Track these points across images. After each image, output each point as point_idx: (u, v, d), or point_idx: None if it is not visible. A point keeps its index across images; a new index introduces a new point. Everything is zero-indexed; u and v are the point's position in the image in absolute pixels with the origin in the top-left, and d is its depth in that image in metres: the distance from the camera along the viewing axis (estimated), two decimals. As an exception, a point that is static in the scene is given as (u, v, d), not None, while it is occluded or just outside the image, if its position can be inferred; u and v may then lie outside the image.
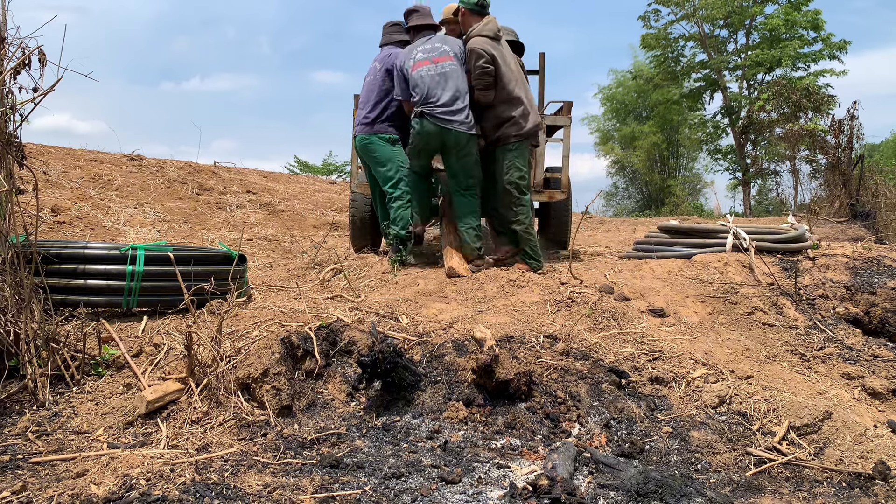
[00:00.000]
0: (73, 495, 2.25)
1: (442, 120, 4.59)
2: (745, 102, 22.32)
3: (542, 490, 2.39)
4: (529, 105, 4.77)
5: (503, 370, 3.23)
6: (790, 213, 8.67)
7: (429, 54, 4.75)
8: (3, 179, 3.13)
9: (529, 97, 4.83)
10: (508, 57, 4.77)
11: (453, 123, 4.59)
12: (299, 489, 2.40)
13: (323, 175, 21.93)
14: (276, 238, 7.53)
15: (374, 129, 5.08)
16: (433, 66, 4.67)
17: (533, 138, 4.82)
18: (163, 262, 3.64)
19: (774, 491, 2.63)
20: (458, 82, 4.65)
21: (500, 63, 4.63)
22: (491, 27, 4.69)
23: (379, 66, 5.16)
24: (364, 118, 5.12)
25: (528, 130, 4.70)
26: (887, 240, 8.25)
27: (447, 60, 4.71)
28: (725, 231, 5.24)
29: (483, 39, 4.64)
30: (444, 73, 4.64)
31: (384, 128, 5.07)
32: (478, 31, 4.67)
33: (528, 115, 4.72)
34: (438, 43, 4.82)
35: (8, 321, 3.07)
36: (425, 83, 4.66)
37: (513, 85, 4.67)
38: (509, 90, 4.65)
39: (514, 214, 4.78)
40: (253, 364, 3.14)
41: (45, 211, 6.33)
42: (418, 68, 4.72)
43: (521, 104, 4.69)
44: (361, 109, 5.20)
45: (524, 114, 4.68)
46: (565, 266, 4.98)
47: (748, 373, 3.52)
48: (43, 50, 3.22)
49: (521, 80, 4.80)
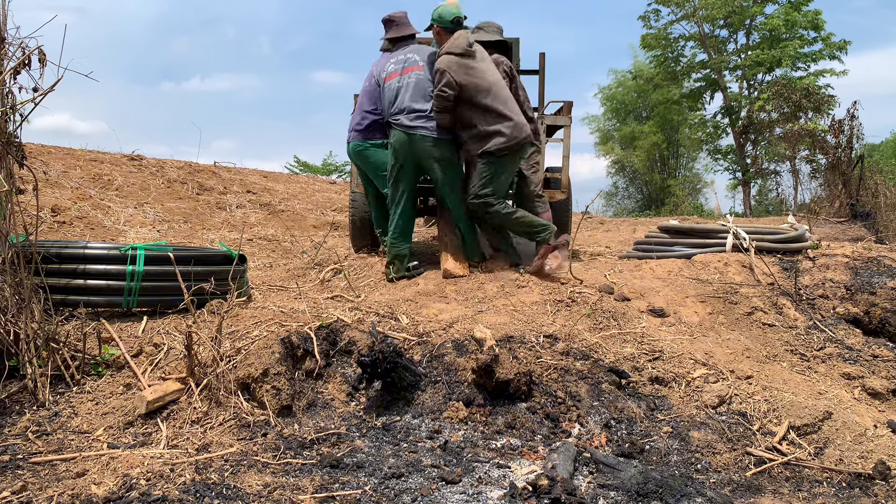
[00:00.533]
0: (73, 495, 2.25)
1: (408, 126, 4.58)
2: (745, 102, 22.31)
3: (542, 490, 2.39)
4: (505, 117, 4.52)
5: (503, 370, 3.23)
6: (790, 213, 8.67)
7: (399, 66, 4.79)
8: (3, 179, 3.13)
9: (509, 106, 4.58)
10: (485, 68, 4.59)
11: (419, 129, 4.57)
12: (299, 489, 2.40)
13: (323, 175, 21.92)
14: (276, 238, 7.53)
15: (365, 136, 5.11)
16: (402, 77, 4.70)
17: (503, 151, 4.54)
18: (163, 261, 3.64)
19: (774, 491, 2.63)
20: (427, 89, 4.64)
21: (469, 80, 4.46)
22: (459, 43, 4.53)
23: (374, 70, 5.21)
24: (357, 125, 5.16)
25: (492, 147, 4.50)
26: (887, 240, 8.25)
27: (415, 70, 4.73)
28: (725, 231, 5.24)
29: (449, 58, 4.50)
30: (410, 82, 4.67)
31: (374, 135, 5.10)
32: (447, 48, 4.58)
33: (500, 130, 4.49)
34: (410, 53, 4.83)
35: (8, 321, 3.07)
36: (393, 94, 4.71)
37: (483, 97, 4.48)
38: (485, 104, 4.48)
39: (489, 219, 4.72)
40: (253, 364, 3.14)
41: (45, 211, 6.33)
42: (390, 80, 4.78)
43: (495, 117, 4.50)
44: (356, 115, 5.23)
45: (494, 131, 4.49)
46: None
47: (748, 373, 3.52)
48: (43, 50, 3.22)
49: (497, 91, 4.56)
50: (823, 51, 21.09)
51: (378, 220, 5.45)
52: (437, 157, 4.63)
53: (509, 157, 4.63)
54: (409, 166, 4.73)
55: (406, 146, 4.62)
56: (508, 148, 4.55)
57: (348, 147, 5.27)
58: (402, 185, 4.78)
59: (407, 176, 4.77)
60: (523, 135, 4.61)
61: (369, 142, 5.11)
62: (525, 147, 4.74)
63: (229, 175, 10.73)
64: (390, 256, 4.79)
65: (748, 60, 21.74)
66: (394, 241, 4.78)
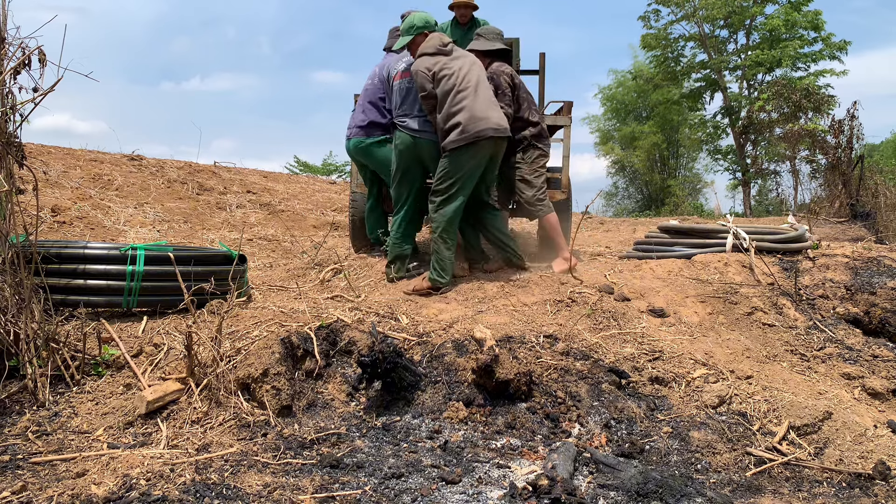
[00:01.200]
0: (73, 495, 2.25)
1: (412, 130, 4.58)
2: (745, 102, 22.30)
3: (542, 490, 2.39)
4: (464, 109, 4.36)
5: (503, 370, 3.23)
6: (790, 213, 8.67)
7: (409, 66, 4.75)
8: (3, 179, 3.13)
9: (477, 103, 4.40)
10: (460, 66, 4.50)
11: (423, 133, 4.57)
12: (299, 489, 2.40)
13: (323, 175, 21.91)
14: (276, 238, 7.53)
15: (368, 133, 5.10)
16: (412, 78, 4.65)
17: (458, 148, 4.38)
18: (163, 262, 3.64)
19: (774, 491, 2.63)
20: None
21: (442, 76, 4.40)
22: (432, 43, 4.51)
23: (377, 71, 5.20)
24: (360, 121, 5.15)
25: (447, 141, 4.39)
26: (887, 240, 8.25)
27: None
28: (725, 231, 5.24)
29: (421, 59, 4.48)
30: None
31: (375, 131, 5.09)
32: (421, 49, 4.57)
33: (458, 122, 4.35)
34: None
35: (8, 321, 3.07)
36: (401, 95, 4.69)
37: (452, 94, 4.39)
38: (450, 100, 4.39)
39: (434, 220, 4.57)
40: (253, 364, 3.14)
41: (45, 211, 6.33)
42: (399, 80, 4.75)
43: (456, 111, 4.36)
44: (357, 112, 5.22)
45: (453, 124, 4.37)
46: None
47: (748, 373, 3.52)
48: (43, 50, 3.22)
49: (466, 86, 4.42)
50: (823, 51, 21.09)
51: (372, 227, 5.47)
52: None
53: (466, 154, 4.38)
54: (415, 168, 4.72)
55: (411, 149, 4.61)
56: (463, 141, 4.32)
57: (348, 144, 5.24)
58: (407, 187, 4.75)
59: (412, 178, 4.75)
60: (482, 128, 4.32)
61: (371, 138, 5.09)
62: (493, 146, 4.47)
63: (229, 175, 10.73)
64: (391, 256, 4.78)
65: (748, 60, 21.73)
66: (396, 241, 4.76)
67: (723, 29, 23.07)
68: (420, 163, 4.70)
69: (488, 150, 4.48)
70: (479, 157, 4.45)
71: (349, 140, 5.23)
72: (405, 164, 4.68)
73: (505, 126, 4.53)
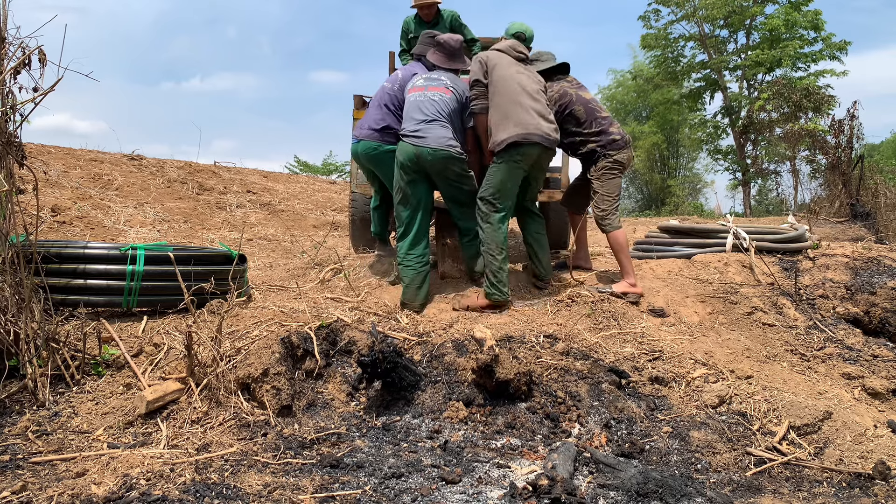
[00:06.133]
0: (73, 495, 2.25)
1: (416, 138, 4.29)
2: (745, 102, 22.30)
3: (542, 490, 2.39)
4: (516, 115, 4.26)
5: (503, 370, 3.23)
6: (790, 213, 8.67)
7: (427, 82, 4.54)
8: (3, 179, 3.13)
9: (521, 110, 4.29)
10: (520, 71, 4.49)
11: (426, 140, 4.27)
12: (299, 489, 2.40)
13: (323, 175, 21.93)
14: (276, 238, 7.54)
15: (382, 138, 4.69)
16: (425, 93, 4.47)
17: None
18: (163, 261, 3.64)
19: (774, 491, 2.63)
20: (442, 108, 4.39)
21: (499, 75, 4.39)
22: (507, 43, 4.61)
23: (401, 76, 4.90)
24: (376, 122, 4.75)
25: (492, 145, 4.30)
26: (887, 240, 8.24)
27: (439, 91, 4.48)
28: (725, 231, 5.24)
29: (489, 52, 4.52)
30: (431, 99, 4.42)
31: (390, 138, 4.66)
32: (493, 46, 4.58)
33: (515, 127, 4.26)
34: (445, 76, 4.60)
35: (8, 321, 3.07)
36: (411, 107, 4.46)
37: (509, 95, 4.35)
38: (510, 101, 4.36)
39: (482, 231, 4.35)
40: (253, 364, 3.14)
41: (45, 211, 6.33)
42: (413, 93, 4.54)
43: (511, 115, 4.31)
44: (372, 113, 4.84)
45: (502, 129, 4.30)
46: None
47: (748, 373, 3.52)
48: (43, 50, 3.22)
49: (521, 91, 4.38)
50: (823, 51, 21.09)
51: (377, 223, 5.28)
52: (448, 174, 4.37)
53: (513, 156, 4.25)
54: (420, 182, 4.41)
55: (414, 159, 4.31)
56: (510, 140, 4.20)
57: (357, 146, 4.81)
58: (413, 200, 4.43)
59: (418, 194, 4.43)
60: (532, 132, 4.23)
61: (387, 146, 4.65)
62: (539, 152, 4.32)
63: (229, 175, 10.73)
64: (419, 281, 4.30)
65: (748, 60, 21.73)
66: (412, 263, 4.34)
67: (723, 29, 23.07)
68: (425, 176, 4.40)
69: (534, 155, 4.30)
70: (526, 159, 4.28)
71: (359, 141, 4.76)
72: (409, 178, 4.37)
73: (554, 138, 4.34)
